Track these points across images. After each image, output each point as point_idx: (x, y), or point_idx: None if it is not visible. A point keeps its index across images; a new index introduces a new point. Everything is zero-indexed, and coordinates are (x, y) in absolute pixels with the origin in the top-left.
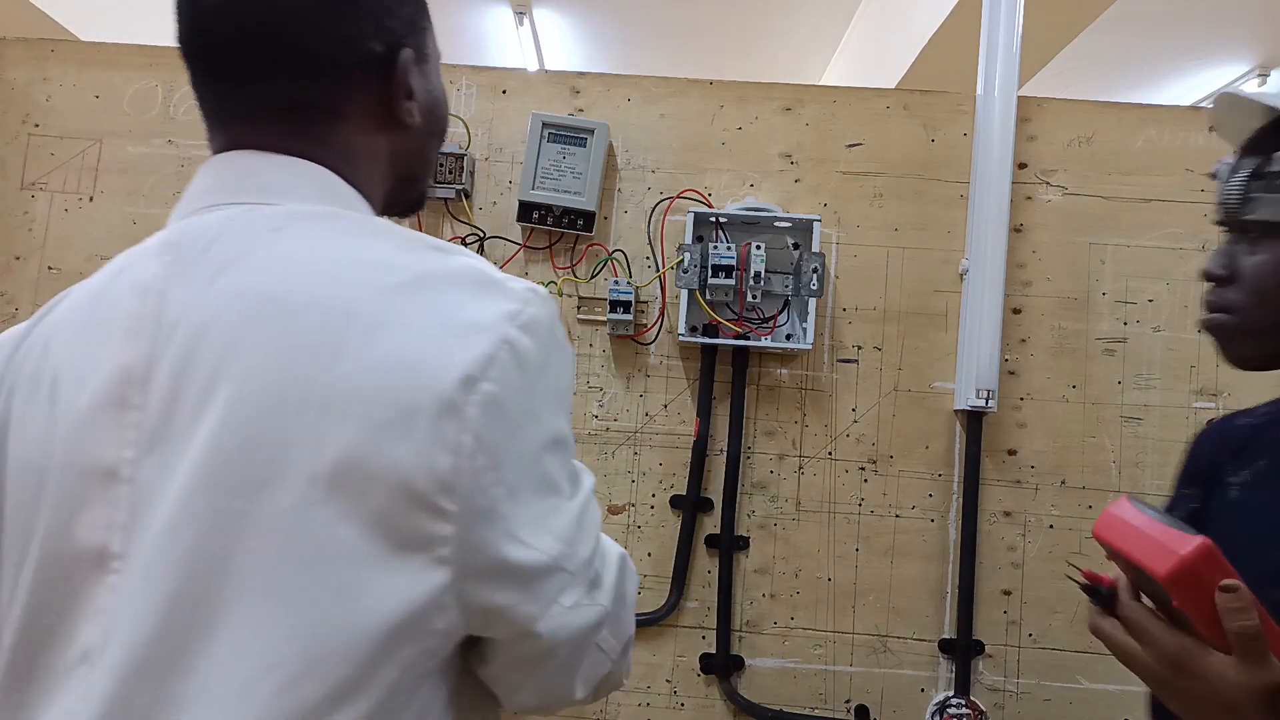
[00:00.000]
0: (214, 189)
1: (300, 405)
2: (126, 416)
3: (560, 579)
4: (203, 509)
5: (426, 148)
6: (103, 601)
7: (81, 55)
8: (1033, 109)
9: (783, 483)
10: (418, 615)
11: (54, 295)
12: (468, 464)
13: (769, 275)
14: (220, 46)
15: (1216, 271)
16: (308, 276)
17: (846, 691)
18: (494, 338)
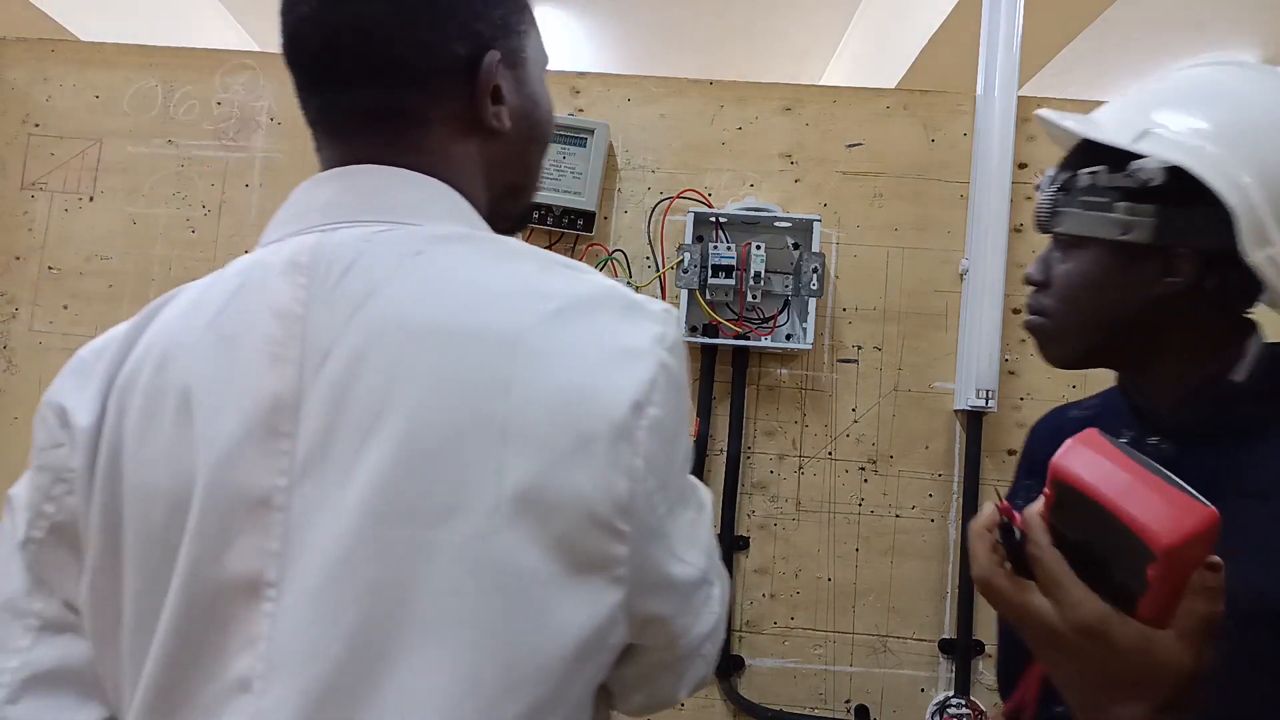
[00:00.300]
0: (338, 205)
1: (477, 435)
2: (278, 444)
3: (705, 590)
4: (378, 538)
5: (526, 155)
6: (259, 629)
7: (81, 55)
8: (1033, 109)
9: (783, 483)
10: (600, 633)
11: (54, 295)
12: (641, 486)
13: (769, 275)
14: (312, 55)
15: (1035, 277)
16: (462, 304)
17: (846, 691)
18: (653, 363)
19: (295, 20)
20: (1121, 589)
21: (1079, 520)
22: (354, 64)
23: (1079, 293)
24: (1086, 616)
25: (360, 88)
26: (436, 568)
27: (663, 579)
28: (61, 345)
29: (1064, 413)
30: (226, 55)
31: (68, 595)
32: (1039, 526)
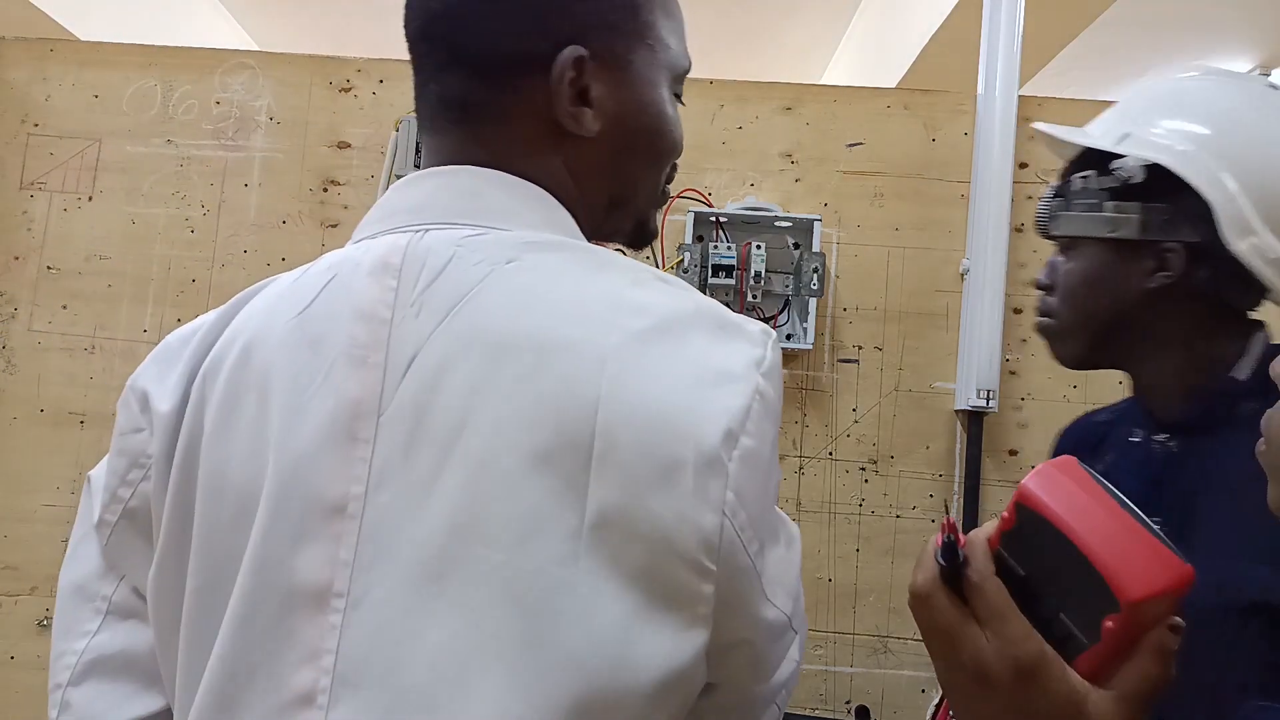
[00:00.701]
0: (430, 206)
1: (560, 456)
2: (355, 451)
3: (789, 638)
4: (458, 557)
5: (623, 166)
6: (324, 643)
7: (80, 55)
8: (1033, 108)
9: (783, 483)
10: (683, 672)
11: (53, 295)
12: (730, 522)
13: (769, 275)
14: (411, 43)
15: (1043, 281)
16: (551, 316)
17: (847, 692)
18: (748, 388)
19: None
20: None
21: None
22: (441, 51)
23: (1079, 291)
24: (1023, 655)
25: (444, 76)
26: (514, 593)
27: (747, 621)
28: (60, 345)
29: (1090, 418)
30: (226, 55)
31: (137, 582)
32: (983, 552)
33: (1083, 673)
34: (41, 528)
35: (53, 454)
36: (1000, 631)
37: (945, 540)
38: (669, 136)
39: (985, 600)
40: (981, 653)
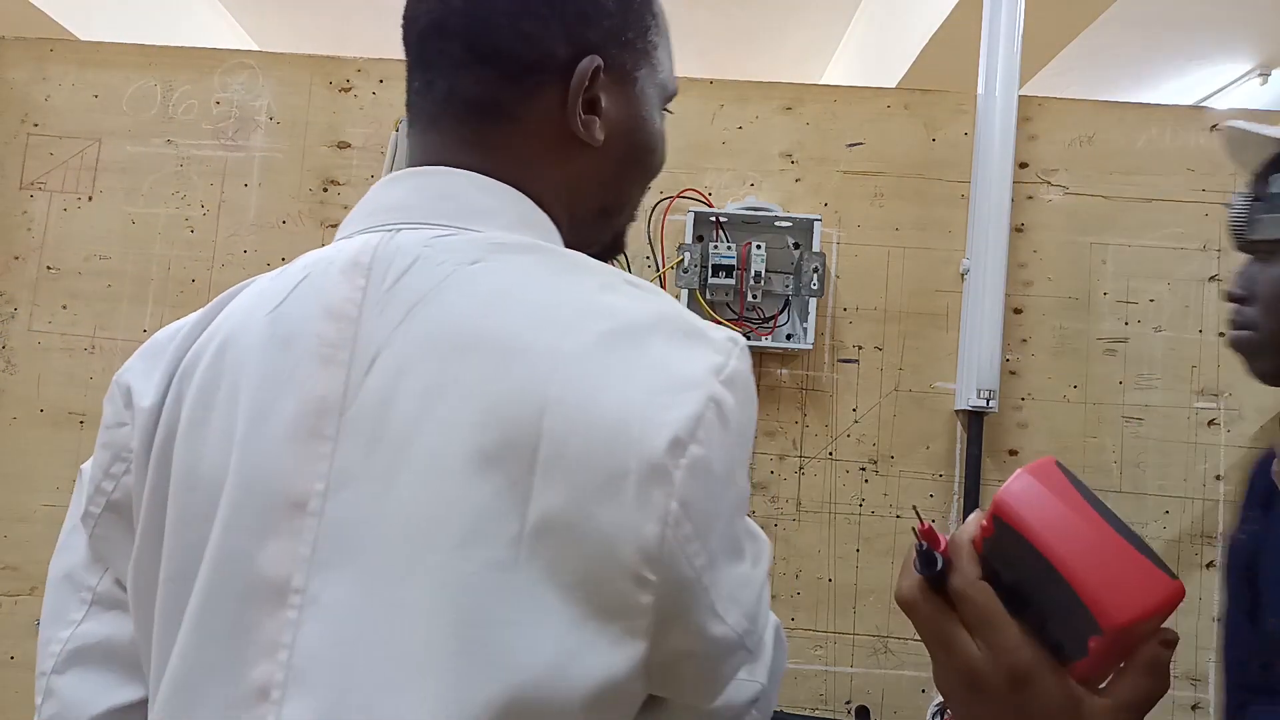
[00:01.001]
0: (405, 206)
1: (505, 460)
2: (318, 448)
3: (740, 657)
4: (405, 559)
5: (618, 177)
6: (281, 637)
7: (80, 55)
8: (1033, 108)
9: (783, 483)
10: (618, 684)
11: (53, 295)
12: (673, 533)
13: (769, 275)
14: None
15: (1236, 292)
16: (511, 318)
17: (847, 692)
18: (701, 396)
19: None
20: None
21: (1015, 564)
22: (457, 47)
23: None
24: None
25: (459, 72)
26: (452, 595)
27: (689, 636)
28: (60, 345)
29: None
30: (225, 55)
31: (120, 573)
32: (968, 556)
33: (1077, 678)
34: (41, 528)
35: (53, 454)
36: (991, 640)
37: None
38: (659, 154)
39: (973, 608)
40: (973, 660)
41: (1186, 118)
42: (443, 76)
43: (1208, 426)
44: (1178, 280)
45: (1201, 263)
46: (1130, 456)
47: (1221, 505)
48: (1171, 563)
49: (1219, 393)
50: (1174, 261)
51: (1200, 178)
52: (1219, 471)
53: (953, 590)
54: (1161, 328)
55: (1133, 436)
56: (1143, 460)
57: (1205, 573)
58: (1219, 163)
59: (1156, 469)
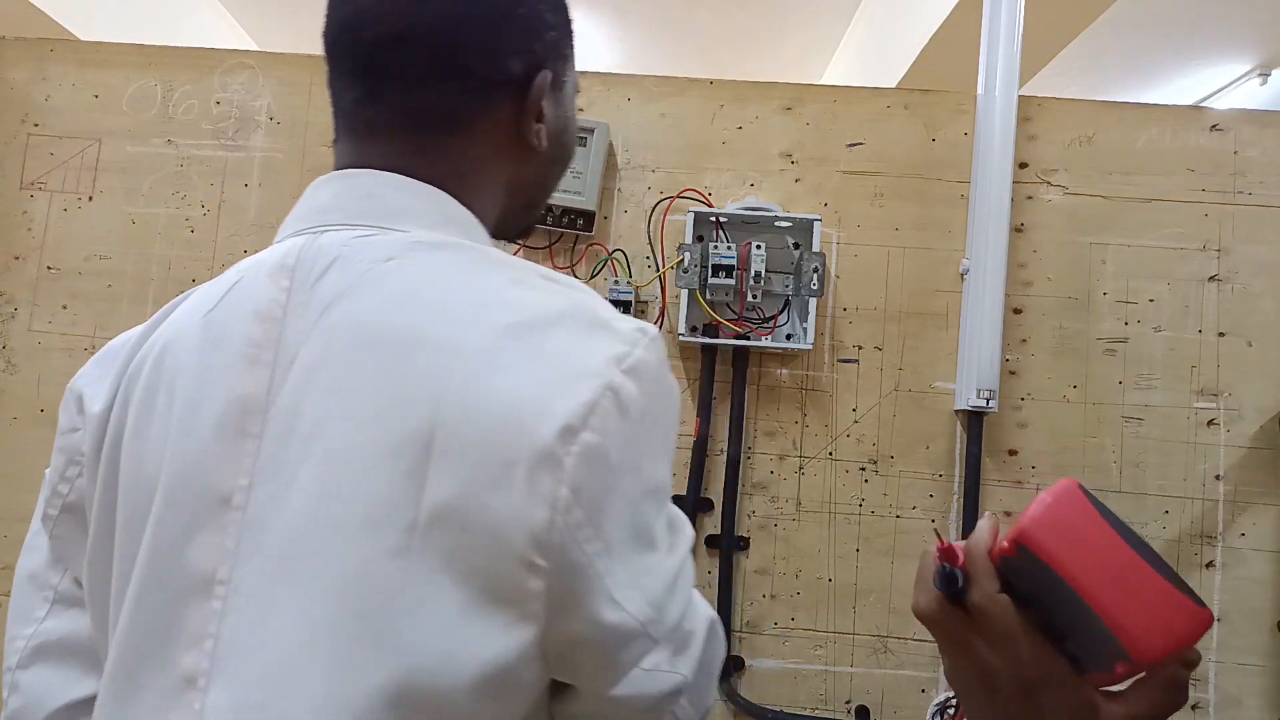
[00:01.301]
0: (331, 208)
1: (403, 451)
2: (245, 445)
3: (643, 644)
4: (308, 548)
5: (548, 175)
6: (207, 628)
7: (81, 55)
8: (1033, 108)
9: (783, 483)
10: (507, 669)
11: (53, 295)
12: (563, 518)
13: (769, 275)
14: (368, 47)
15: None
16: (417, 313)
17: (847, 692)
18: (597, 385)
19: (354, 10)
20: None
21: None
22: (416, 62)
23: None
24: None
25: (415, 87)
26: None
27: (583, 622)
28: (61, 345)
29: None
30: (225, 55)
31: (77, 572)
32: (985, 570)
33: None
34: None
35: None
36: (1009, 654)
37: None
38: (574, 148)
39: (992, 623)
40: (991, 669)
41: (1186, 118)
42: (397, 88)
43: (1207, 426)
44: (1177, 280)
45: (1201, 263)
46: (1130, 456)
47: (1221, 505)
48: (1171, 563)
49: (1219, 393)
50: (1174, 261)
51: (1200, 178)
52: (1219, 471)
53: (971, 604)
54: (1161, 328)
55: (1132, 436)
56: (1142, 460)
57: (1205, 573)
58: (1219, 163)
59: (1156, 469)
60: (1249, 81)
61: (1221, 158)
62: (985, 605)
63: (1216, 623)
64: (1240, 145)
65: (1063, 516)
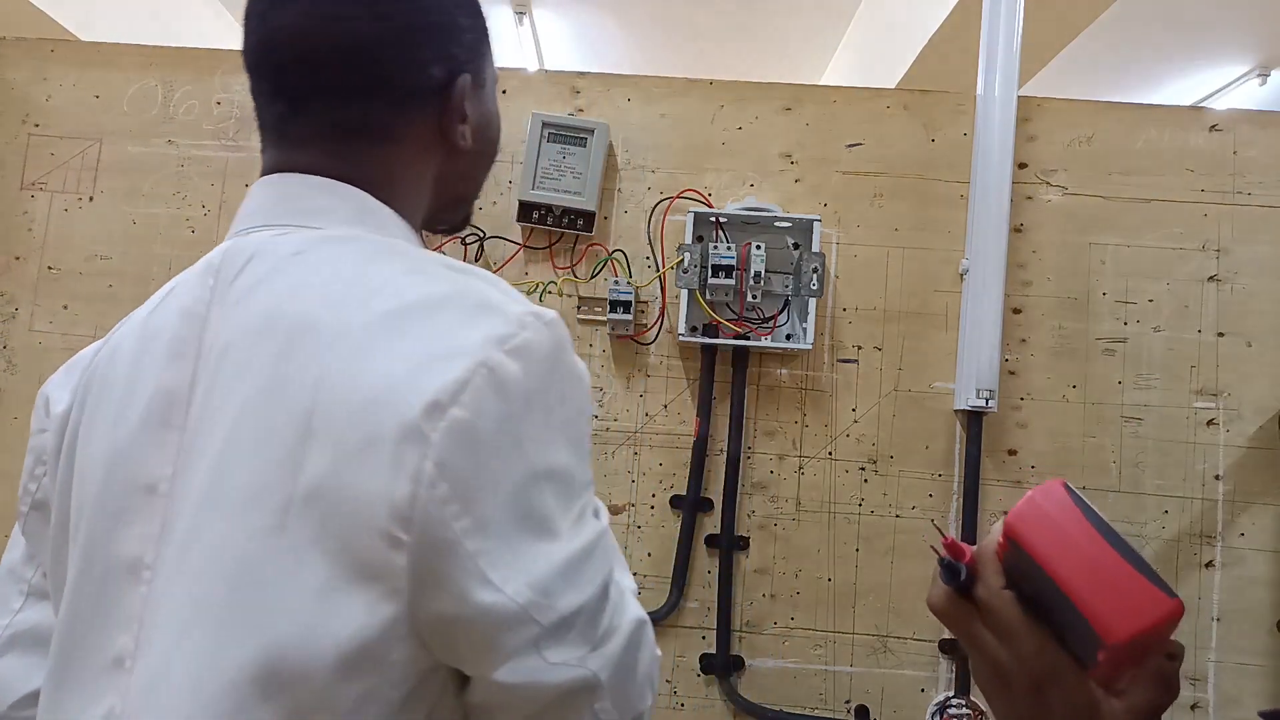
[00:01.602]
0: (256, 212)
1: (284, 430)
2: (169, 436)
3: (529, 630)
4: (204, 529)
5: (476, 170)
6: (135, 610)
7: (81, 55)
8: (1033, 109)
9: (783, 483)
10: (370, 646)
11: (54, 295)
12: (426, 493)
13: (769, 275)
14: (287, 67)
15: None
16: (311, 300)
17: (846, 692)
18: (471, 362)
19: (271, 30)
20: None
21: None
22: (336, 79)
23: None
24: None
25: (337, 102)
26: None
27: (454, 601)
28: (61, 345)
29: None
30: (226, 55)
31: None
32: (993, 568)
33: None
34: None
35: None
36: (1014, 647)
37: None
38: (498, 142)
39: (996, 618)
40: (1000, 662)
41: (1186, 118)
42: (319, 104)
43: (1206, 426)
44: (1177, 280)
45: (1200, 263)
46: (1129, 456)
47: (1220, 505)
48: (1171, 562)
49: (1218, 393)
50: (1173, 261)
51: (1199, 178)
52: (1218, 471)
53: (978, 600)
54: (1160, 328)
55: (1132, 436)
56: (1142, 460)
57: (1204, 572)
58: (1218, 163)
59: (1155, 469)
60: (1248, 81)
61: (1221, 158)
62: (990, 600)
63: (1216, 622)
64: (1239, 145)
65: (1044, 511)
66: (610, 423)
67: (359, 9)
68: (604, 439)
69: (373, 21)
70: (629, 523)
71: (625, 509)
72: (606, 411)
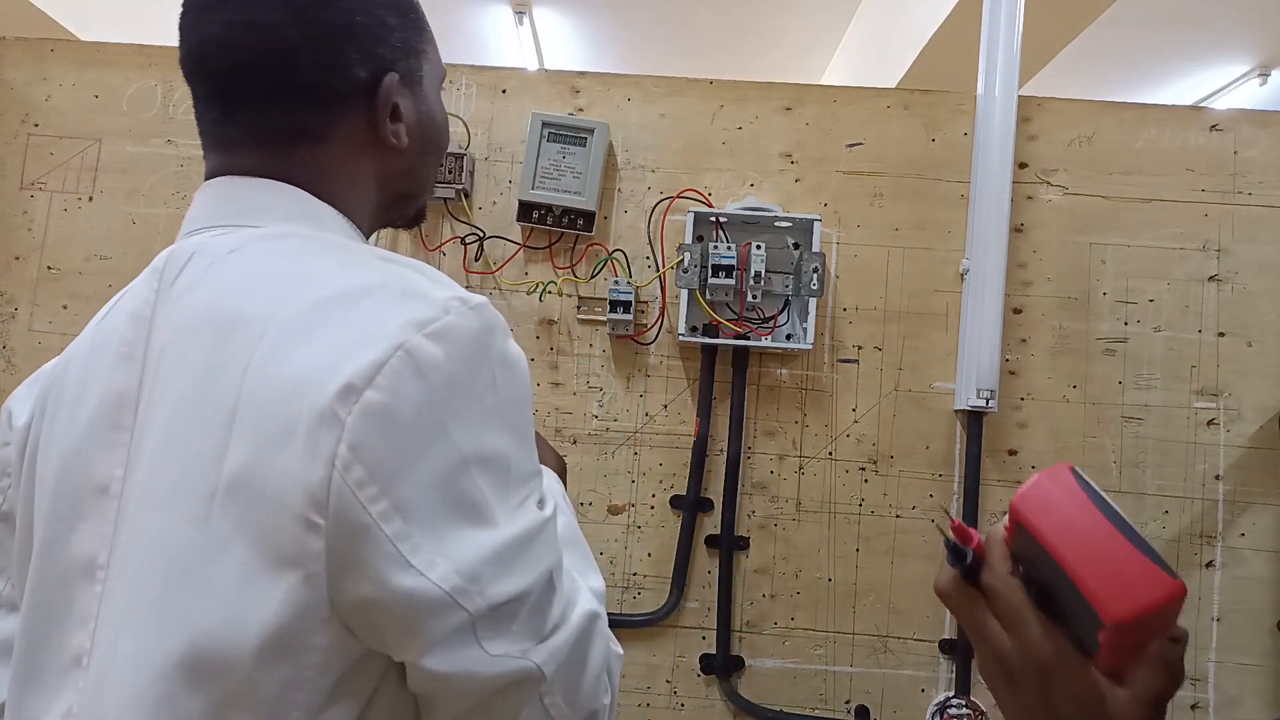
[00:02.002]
0: (199, 215)
1: (212, 422)
2: (119, 437)
3: (456, 616)
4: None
5: (420, 166)
6: (91, 609)
7: (81, 55)
8: (1033, 109)
9: (783, 483)
10: (290, 631)
11: (53, 295)
12: (341, 476)
13: (769, 275)
14: (216, 75)
15: None
16: (243, 294)
17: (847, 692)
18: (389, 345)
19: (199, 40)
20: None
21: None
22: (257, 85)
23: None
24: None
25: (265, 108)
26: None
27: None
28: (61, 345)
29: None
30: None
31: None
32: (1000, 553)
33: (1102, 671)
34: None
35: None
36: (1018, 633)
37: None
38: (446, 135)
39: (1001, 603)
40: (1004, 651)
41: (1186, 118)
42: (243, 110)
43: (1207, 426)
44: (1177, 280)
45: (1201, 263)
46: (1130, 456)
47: (1220, 505)
48: (1171, 563)
49: (1218, 392)
50: (1173, 261)
51: (1199, 178)
52: (1218, 471)
53: (984, 585)
54: (1161, 328)
55: (1132, 436)
56: (1142, 460)
57: (1205, 572)
58: (1218, 163)
59: (1156, 469)
60: (1249, 81)
61: (1221, 158)
62: (996, 586)
63: (1216, 622)
64: (1240, 145)
65: (1049, 493)
66: (610, 423)
67: (280, 15)
68: (604, 439)
69: (293, 27)
70: (629, 523)
71: (625, 509)
72: (606, 411)
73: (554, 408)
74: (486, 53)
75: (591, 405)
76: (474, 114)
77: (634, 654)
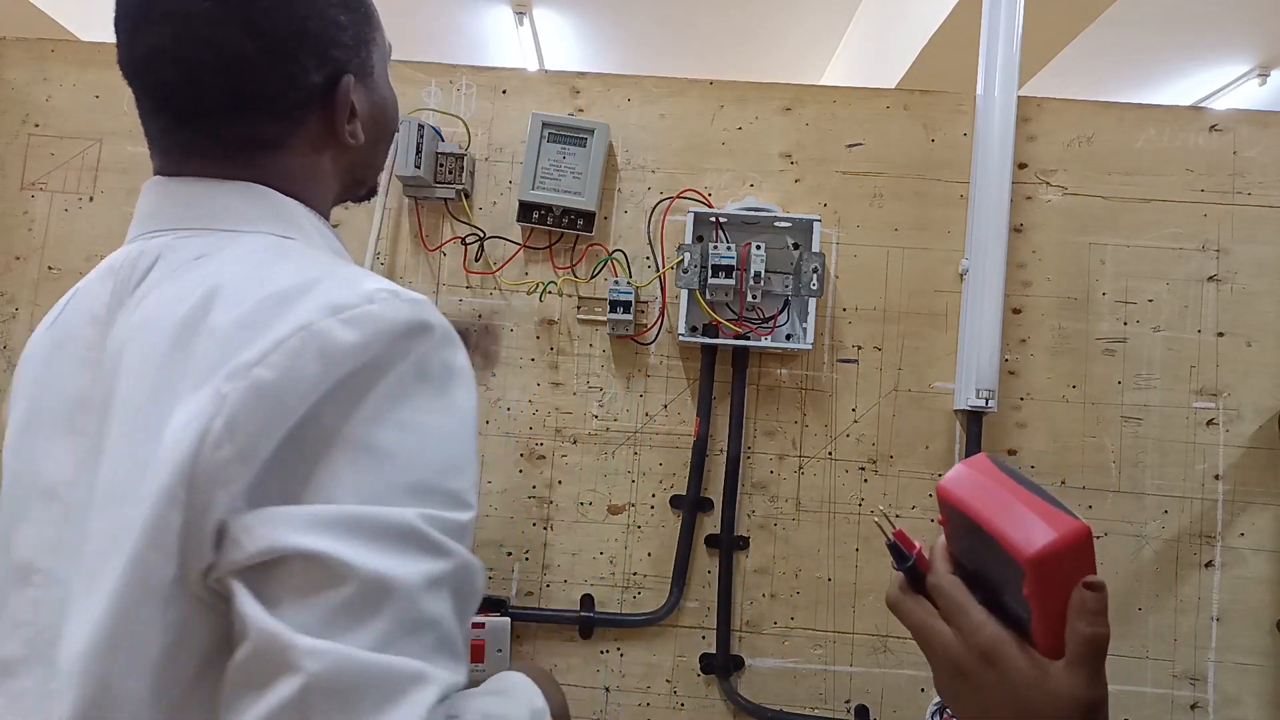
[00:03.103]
0: (156, 215)
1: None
2: (73, 440)
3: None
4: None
5: (375, 155)
6: (24, 615)
7: (81, 55)
8: (1033, 109)
9: (783, 483)
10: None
11: (54, 295)
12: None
13: (769, 275)
14: (168, 86)
15: None
16: (200, 301)
17: (846, 691)
18: (292, 325)
19: (146, 51)
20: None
21: (965, 543)
22: (217, 100)
23: None
24: (985, 640)
25: (221, 120)
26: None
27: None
28: None
29: None
30: None
31: None
32: (941, 555)
33: (1040, 649)
34: None
35: None
36: (960, 624)
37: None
38: (397, 115)
39: (945, 598)
40: (950, 646)
41: (1185, 118)
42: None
43: (1206, 426)
44: (1176, 280)
45: (1200, 263)
46: (1129, 456)
47: (1220, 505)
48: (1171, 562)
49: (1218, 393)
50: (1172, 261)
51: (1199, 178)
52: (1218, 471)
53: (930, 586)
54: (1160, 328)
55: (1131, 436)
56: (1141, 460)
57: (1204, 572)
58: (1218, 163)
59: (1155, 469)
60: (1248, 81)
61: (1220, 158)
62: (938, 584)
63: (1216, 622)
64: (1239, 145)
65: (968, 473)
66: (610, 423)
67: (231, 28)
68: (604, 439)
69: (246, 39)
70: (629, 522)
71: (625, 509)
72: (606, 411)
73: (554, 408)
74: (486, 53)
75: (591, 405)
76: (474, 114)
77: (634, 654)
